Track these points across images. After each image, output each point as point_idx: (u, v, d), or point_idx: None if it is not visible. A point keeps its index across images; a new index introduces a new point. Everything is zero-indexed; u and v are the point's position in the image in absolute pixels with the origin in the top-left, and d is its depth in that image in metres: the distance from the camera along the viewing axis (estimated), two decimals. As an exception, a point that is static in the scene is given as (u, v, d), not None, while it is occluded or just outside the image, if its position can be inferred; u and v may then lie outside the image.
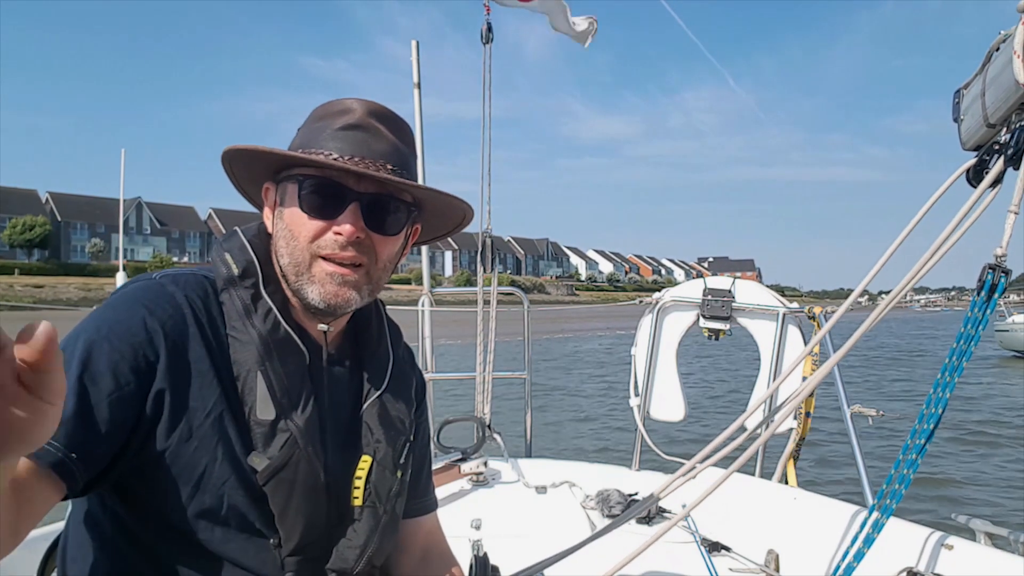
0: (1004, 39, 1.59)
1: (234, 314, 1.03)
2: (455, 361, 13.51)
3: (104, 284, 60.95)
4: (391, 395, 1.18)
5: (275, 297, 1.06)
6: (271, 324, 1.04)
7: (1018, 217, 1.56)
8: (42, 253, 74.19)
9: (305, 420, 1.03)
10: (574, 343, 32.56)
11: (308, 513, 1.03)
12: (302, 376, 1.06)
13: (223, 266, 1.06)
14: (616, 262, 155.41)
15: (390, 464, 1.13)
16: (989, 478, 7.96)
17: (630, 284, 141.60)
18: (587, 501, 3.04)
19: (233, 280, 1.05)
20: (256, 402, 1.00)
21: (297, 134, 1.10)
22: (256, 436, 1.00)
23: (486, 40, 3.57)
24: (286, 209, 1.06)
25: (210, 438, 0.97)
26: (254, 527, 1.01)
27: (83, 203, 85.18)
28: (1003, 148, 1.63)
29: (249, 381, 1.00)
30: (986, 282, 1.60)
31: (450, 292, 4.61)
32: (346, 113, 1.06)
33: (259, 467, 0.99)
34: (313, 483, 1.04)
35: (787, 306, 3.21)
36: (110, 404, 0.90)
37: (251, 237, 1.11)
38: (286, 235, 1.05)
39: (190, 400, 0.97)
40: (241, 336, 1.02)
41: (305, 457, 1.02)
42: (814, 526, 2.47)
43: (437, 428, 3.28)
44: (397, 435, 1.16)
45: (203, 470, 0.97)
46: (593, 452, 8.86)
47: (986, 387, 16.02)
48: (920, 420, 1.67)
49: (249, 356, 1.01)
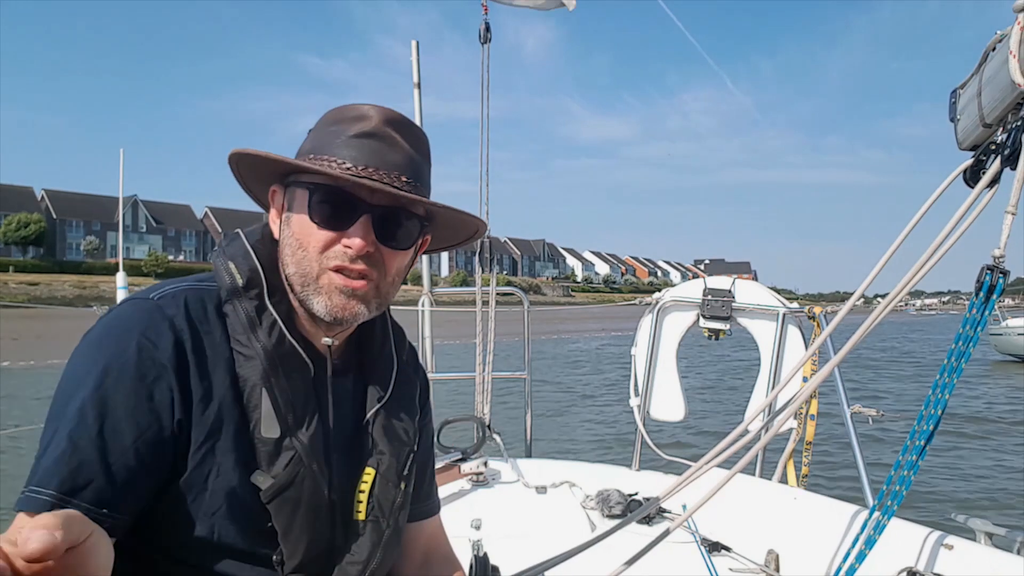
0: (1000, 39, 1.59)
1: (238, 327, 1.00)
2: (449, 361, 13.52)
3: (99, 282, 60.86)
4: (395, 403, 1.15)
5: (280, 308, 1.03)
6: (276, 338, 1.01)
7: (1016, 218, 1.57)
8: (37, 251, 74.01)
9: (310, 437, 1.01)
10: (572, 343, 32.57)
11: (312, 530, 1.01)
12: (307, 391, 1.03)
13: (226, 275, 1.02)
14: (612, 263, 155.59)
15: (394, 476, 1.11)
16: (989, 478, 8.00)
17: (626, 286, 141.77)
18: (587, 501, 3.04)
19: (237, 291, 1.01)
20: (261, 419, 0.98)
21: (308, 136, 1.06)
22: (260, 454, 0.98)
23: (484, 40, 3.56)
24: (294, 216, 1.02)
25: (214, 457, 0.95)
26: (256, 545, 0.99)
27: (78, 200, 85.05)
28: (999, 148, 1.63)
29: (254, 397, 0.98)
30: (984, 283, 1.59)
31: (450, 292, 4.62)
32: (362, 120, 1.01)
33: (263, 486, 0.97)
34: (318, 501, 1.01)
35: (787, 306, 3.22)
36: (136, 452, 0.90)
37: (255, 242, 1.07)
38: (293, 244, 1.02)
39: (201, 423, 0.95)
40: (245, 351, 0.99)
41: (310, 475, 1.00)
42: (814, 526, 2.47)
43: (437, 428, 3.28)
44: (401, 446, 1.13)
45: (207, 489, 0.95)
46: (593, 452, 8.88)
47: (983, 390, 16.08)
48: (919, 421, 1.67)
49: (254, 372, 0.98)
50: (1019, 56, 1.47)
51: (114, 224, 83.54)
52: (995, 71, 1.61)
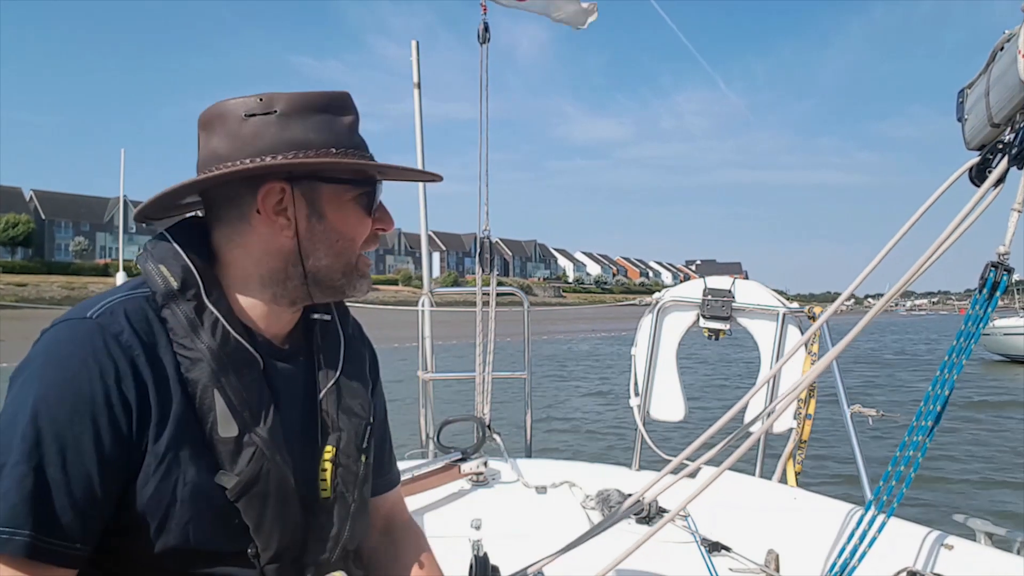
0: (1008, 38, 1.60)
1: (180, 331, 0.97)
2: (444, 361, 13.48)
3: (88, 282, 60.45)
4: (346, 378, 1.16)
5: (219, 305, 1.01)
6: (220, 336, 0.99)
7: (1020, 216, 1.58)
8: (25, 251, 73.42)
9: (269, 430, 1.00)
10: (564, 344, 32.57)
11: (282, 520, 1.01)
12: (259, 384, 1.02)
13: (159, 279, 0.99)
14: (604, 264, 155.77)
15: (353, 451, 1.12)
16: (989, 478, 8.04)
17: (617, 286, 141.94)
18: (587, 501, 3.04)
19: (173, 294, 0.98)
20: (217, 420, 0.96)
21: (285, 125, 1.01)
22: (221, 454, 0.97)
23: (483, 40, 3.54)
24: (330, 211, 1.05)
25: (179, 467, 0.94)
26: (230, 543, 0.98)
27: (67, 201, 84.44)
28: (1007, 147, 1.63)
29: (206, 399, 0.96)
30: (988, 280, 1.60)
31: (450, 292, 4.60)
32: (344, 107, 1.07)
33: (228, 485, 0.96)
34: (285, 490, 1.01)
35: (787, 306, 3.22)
36: (101, 481, 0.88)
37: (184, 240, 1.03)
38: (332, 237, 1.06)
39: (156, 436, 0.93)
40: (190, 354, 0.96)
41: (275, 467, 1.00)
42: (814, 526, 2.47)
43: (437, 428, 3.28)
44: (359, 421, 1.14)
45: (171, 498, 0.93)
46: (592, 452, 8.89)
47: (977, 388, 16.19)
48: (918, 417, 1.66)
49: (202, 373, 0.96)
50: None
51: (103, 225, 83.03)
52: (1003, 70, 1.61)
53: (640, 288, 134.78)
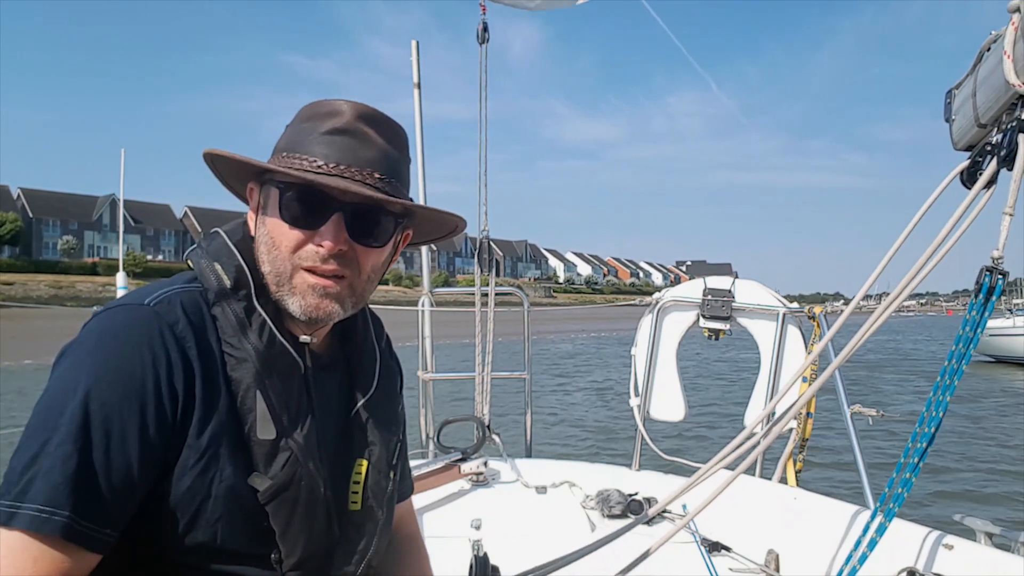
0: (995, 39, 1.61)
1: (229, 329, 0.98)
2: (440, 361, 13.46)
3: (76, 281, 60.00)
4: (380, 393, 1.16)
5: (268, 308, 1.01)
6: (267, 338, 0.99)
7: (1014, 219, 1.58)
8: (13, 250, 72.73)
9: (304, 436, 1.00)
10: (558, 344, 32.58)
11: (309, 528, 1.01)
12: (300, 390, 1.03)
13: (212, 276, 1.00)
14: (595, 264, 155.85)
15: (384, 466, 1.12)
16: (989, 478, 8.08)
17: (608, 287, 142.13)
18: (587, 501, 3.04)
19: (225, 292, 0.99)
20: (256, 421, 0.96)
21: (285, 132, 1.04)
22: (256, 456, 0.97)
23: (482, 40, 3.54)
24: (268, 215, 1.01)
25: (217, 463, 0.94)
26: (254, 546, 0.98)
27: (55, 200, 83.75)
28: (995, 149, 1.64)
29: (248, 399, 0.96)
30: (984, 284, 1.60)
31: (450, 292, 4.59)
32: (334, 116, 1.00)
33: (261, 487, 0.96)
34: (314, 499, 1.01)
35: (787, 306, 3.23)
36: (141, 468, 0.88)
37: (237, 241, 1.04)
38: (268, 243, 1.00)
39: (198, 431, 0.93)
40: (237, 353, 0.97)
41: (307, 474, 1.00)
42: (814, 526, 2.48)
43: (437, 428, 3.28)
44: (390, 436, 1.15)
45: (206, 493, 0.93)
46: (592, 452, 8.89)
47: (973, 389, 16.30)
48: (920, 423, 1.68)
49: (247, 373, 0.97)
50: (1014, 56, 1.48)
51: (91, 223, 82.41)
52: (989, 71, 1.62)
53: (631, 288, 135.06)
